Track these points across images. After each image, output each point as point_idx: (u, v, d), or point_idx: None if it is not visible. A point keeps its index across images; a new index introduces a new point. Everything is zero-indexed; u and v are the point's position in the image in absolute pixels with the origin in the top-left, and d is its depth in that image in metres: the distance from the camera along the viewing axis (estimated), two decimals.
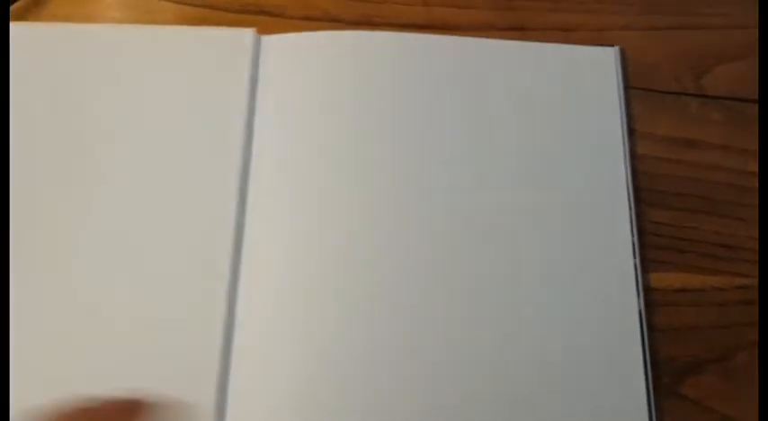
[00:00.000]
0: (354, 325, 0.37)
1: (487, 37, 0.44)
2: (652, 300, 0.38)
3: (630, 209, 0.40)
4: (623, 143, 0.41)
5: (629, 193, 0.40)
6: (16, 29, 0.43)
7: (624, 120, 0.42)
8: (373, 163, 0.40)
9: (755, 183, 0.41)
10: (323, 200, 0.39)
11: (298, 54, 0.42)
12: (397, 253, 0.38)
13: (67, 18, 0.44)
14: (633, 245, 0.39)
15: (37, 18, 0.44)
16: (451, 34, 0.44)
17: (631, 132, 0.42)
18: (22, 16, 0.45)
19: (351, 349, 0.36)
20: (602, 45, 0.44)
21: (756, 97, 0.43)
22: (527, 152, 0.41)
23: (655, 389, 0.36)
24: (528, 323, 0.37)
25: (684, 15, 0.45)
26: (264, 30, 0.43)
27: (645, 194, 0.41)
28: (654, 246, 0.40)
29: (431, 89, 0.42)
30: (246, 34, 0.42)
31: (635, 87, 0.43)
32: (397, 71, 0.42)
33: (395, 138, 0.41)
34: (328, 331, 0.37)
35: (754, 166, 0.41)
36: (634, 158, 0.41)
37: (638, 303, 0.38)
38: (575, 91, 0.42)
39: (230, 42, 0.42)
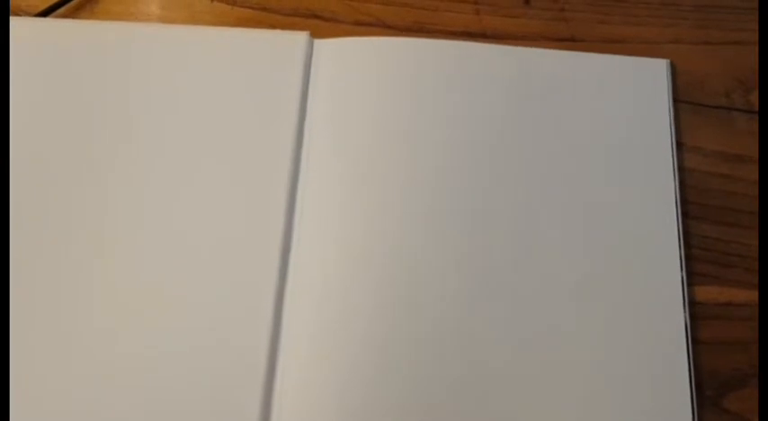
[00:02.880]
0: (406, 327, 0.37)
1: (538, 47, 0.44)
2: (697, 313, 0.39)
3: (678, 222, 0.40)
4: (672, 156, 0.41)
5: (677, 207, 0.40)
6: (65, 25, 0.44)
7: (673, 133, 0.42)
8: (423, 169, 0.40)
9: None
10: (371, 204, 0.39)
11: (351, 59, 0.43)
12: (447, 262, 0.39)
13: (120, 16, 0.45)
14: (680, 258, 0.39)
15: (91, 15, 0.45)
16: (502, 43, 0.44)
17: (680, 146, 0.42)
18: (76, 13, 0.45)
19: (401, 353, 0.37)
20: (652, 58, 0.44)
21: None
22: (575, 162, 0.41)
23: (697, 401, 0.37)
24: (574, 333, 0.37)
25: (735, 30, 0.46)
26: (315, 33, 0.44)
27: (692, 208, 0.41)
28: (700, 259, 0.40)
29: (482, 97, 0.42)
30: (300, 37, 0.43)
31: (684, 101, 0.43)
32: (449, 79, 0.42)
33: (445, 145, 0.41)
34: (375, 331, 0.37)
35: None
36: (682, 172, 0.42)
37: (684, 316, 0.38)
38: (625, 102, 0.42)
39: (284, 45, 0.43)
